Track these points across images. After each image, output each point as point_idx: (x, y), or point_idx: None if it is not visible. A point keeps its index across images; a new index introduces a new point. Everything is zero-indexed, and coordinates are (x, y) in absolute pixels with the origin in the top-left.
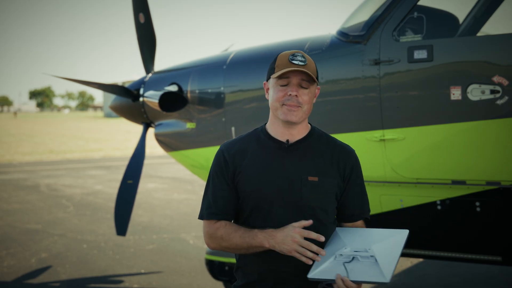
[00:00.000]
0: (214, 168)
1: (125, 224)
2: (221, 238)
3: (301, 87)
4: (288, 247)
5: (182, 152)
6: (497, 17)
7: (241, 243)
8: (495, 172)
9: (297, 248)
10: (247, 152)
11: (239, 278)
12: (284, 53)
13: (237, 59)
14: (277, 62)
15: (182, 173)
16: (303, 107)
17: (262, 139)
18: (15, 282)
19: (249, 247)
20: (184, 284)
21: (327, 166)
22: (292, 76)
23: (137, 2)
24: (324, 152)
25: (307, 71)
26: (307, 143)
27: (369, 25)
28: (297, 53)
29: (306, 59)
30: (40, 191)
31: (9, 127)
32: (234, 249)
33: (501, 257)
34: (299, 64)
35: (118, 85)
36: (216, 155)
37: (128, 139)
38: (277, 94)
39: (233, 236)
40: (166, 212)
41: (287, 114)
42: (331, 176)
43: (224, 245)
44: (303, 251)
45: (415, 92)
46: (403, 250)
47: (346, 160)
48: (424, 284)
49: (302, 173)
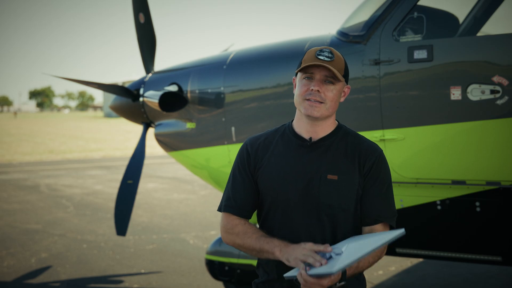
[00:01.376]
0: (237, 161)
1: (125, 224)
2: (237, 235)
3: (325, 83)
4: (295, 254)
5: (182, 152)
6: (497, 17)
7: (254, 245)
8: (495, 172)
9: (302, 257)
10: (270, 147)
11: (260, 275)
12: (313, 48)
13: (237, 59)
14: (304, 56)
15: (182, 173)
16: (326, 104)
17: (286, 135)
18: (15, 282)
19: (261, 253)
20: (184, 284)
21: (349, 164)
22: (316, 71)
23: (137, 2)
24: (348, 151)
25: (330, 67)
26: (331, 141)
27: (369, 25)
28: (326, 48)
29: (334, 55)
30: (40, 191)
31: (9, 127)
32: (246, 249)
33: (501, 257)
34: (324, 60)
35: (118, 85)
36: (240, 148)
37: (128, 139)
38: (300, 88)
39: (248, 236)
40: (166, 212)
41: (308, 109)
42: (352, 175)
43: (238, 242)
44: (307, 258)
45: (415, 92)
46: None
47: (366, 158)
48: (424, 284)
49: (321, 171)
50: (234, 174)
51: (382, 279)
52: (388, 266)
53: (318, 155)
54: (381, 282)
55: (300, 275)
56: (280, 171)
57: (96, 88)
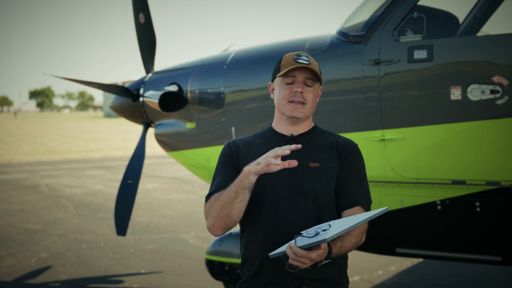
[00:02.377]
0: (219, 159)
1: (125, 224)
2: (214, 202)
3: (306, 85)
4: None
5: (182, 152)
6: (497, 17)
7: (229, 189)
8: (495, 172)
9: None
10: (251, 145)
11: (243, 274)
12: (289, 53)
13: (237, 59)
14: (282, 62)
15: (182, 173)
16: (308, 104)
17: (267, 135)
18: (15, 282)
19: (237, 187)
20: (184, 284)
21: (328, 154)
22: (298, 74)
23: (137, 2)
24: (326, 144)
25: (313, 68)
26: (309, 136)
27: (369, 25)
28: (302, 53)
29: (310, 59)
30: (40, 191)
31: (9, 127)
32: (226, 202)
33: (501, 257)
34: (304, 63)
35: (118, 85)
36: (222, 149)
37: (128, 139)
38: (283, 92)
39: (222, 191)
40: (166, 212)
41: (292, 111)
42: (332, 163)
43: (217, 206)
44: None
45: (415, 92)
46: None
47: (343, 148)
48: (424, 284)
49: (303, 160)
50: (217, 170)
51: (382, 279)
52: (388, 266)
53: (298, 149)
54: (381, 282)
55: (289, 248)
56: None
57: (96, 88)
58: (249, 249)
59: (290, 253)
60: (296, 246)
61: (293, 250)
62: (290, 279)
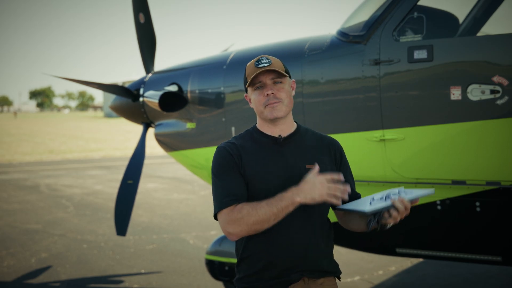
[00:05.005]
0: (220, 162)
1: (125, 224)
2: (248, 214)
3: (275, 85)
4: (319, 192)
5: (182, 152)
6: (497, 17)
7: (270, 209)
8: (495, 172)
9: (327, 190)
10: (246, 148)
11: (242, 270)
12: (250, 62)
13: (237, 59)
14: (246, 72)
15: (182, 173)
16: (284, 101)
17: (256, 137)
18: (15, 282)
19: (279, 211)
20: (184, 284)
21: (320, 155)
22: (263, 78)
23: (137, 2)
24: (314, 143)
25: (273, 68)
26: (297, 136)
27: (369, 25)
28: (261, 57)
29: (270, 59)
30: (40, 191)
31: (9, 127)
32: (263, 220)
33: (501, 257)
34: (264, 66)
35: (118, 85)
36: (217, 152)
37: (128, 139)
38: (257, 98)
39: (259, 207)
40: (166, 212)
41: (271, 112)
42: (326, 163)
43: (252, 220)
44: (334, 191)
45: (415, 92)
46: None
47: (335, 148)
48: (424, 284)
49: (300, 162)
50: (221, 175)
51: (382, 279)
52: (388, 266)
53: (291, 150)
54: (381, 282)
55: (400, 202)
56: (262, 168)
57: (96, 88)
58: (249, 248)
59: (401, 206)
60: (406, 200)
61: (405, 203)
62: (294, 272)
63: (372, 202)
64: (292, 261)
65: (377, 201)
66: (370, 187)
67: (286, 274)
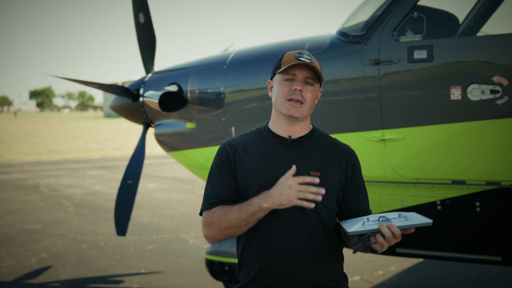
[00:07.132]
0: (215, 161)
1: (125, 224)
2: (219, 219)
3: (306, 84)
4: (287, 196)
5: (182, 152)
6: (497, 17)
7: (239, 215)
8: (495, 172)
9: (296, 194)
10: (249, 146)
11: (242, 278)
12: (291, 51)
13: (237, 59)
14: (283, 59)
15: (182, 173)
16: (306, 104)
17: (264, 136)
18: (15, 282)
19: (249, 217)
20: (184, 284)
21: (329, 162)
22: (298, 72)
23: (137, 2)
24: (326, 149)
25: (314, 67)
26: (309, 140)
27: (369, 25)
28: (304, 51)
29: (312, 58)
30: (40, 191)
31: (9, 127)
32: (233, 226)
33: (501, 257)
34: (306, 61)
35: (118, 85)
36: (218, 150)
37: (128, 139)
38: (282, 89)
39: (230, 212)
40: (166, 212)
41: (290, 109)
42: (333, 172)
43: (222, 226)
44: (304, 194)
45: (415, 92)
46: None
47: (348, 158)
48: (424, 284)
49: (304, 168)
50: (213, 174)
51: (382, 279)
52: (388, 266)
53: (299, 153)
54: (381, 282)
55: (386, 228)
56: (261, 169)
57: (96, 88)
58: (246, 254)
59: (387, 232)
60: (395, 226)
61: (392, 229)
62: (288, 285)
63: (365, 223)
64: (283, 270)
65: (370, 223)
66: (370, 187)
67: (280, 285)
